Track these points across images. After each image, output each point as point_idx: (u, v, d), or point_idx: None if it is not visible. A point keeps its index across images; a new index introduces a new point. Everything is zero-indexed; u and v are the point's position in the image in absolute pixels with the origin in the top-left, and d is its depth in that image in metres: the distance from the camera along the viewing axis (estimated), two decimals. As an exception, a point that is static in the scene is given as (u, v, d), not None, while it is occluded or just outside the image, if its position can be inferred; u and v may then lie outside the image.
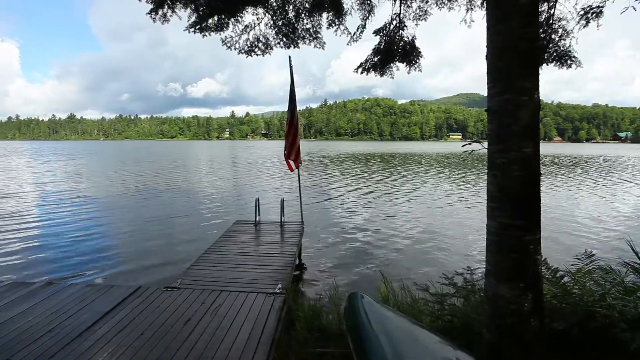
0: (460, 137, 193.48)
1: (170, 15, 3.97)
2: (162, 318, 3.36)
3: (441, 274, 3.85)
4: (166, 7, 3.93)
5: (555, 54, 4.21)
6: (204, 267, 4.84)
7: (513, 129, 1.99)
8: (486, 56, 2.15)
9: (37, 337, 3.02)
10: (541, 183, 2.12)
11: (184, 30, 4.18)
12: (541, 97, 2.08)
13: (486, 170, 2.23)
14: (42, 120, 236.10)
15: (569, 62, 4.21)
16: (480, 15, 4.61)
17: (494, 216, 2.14)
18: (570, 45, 4.13)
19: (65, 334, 3.06)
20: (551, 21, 4.05)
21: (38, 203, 13.14)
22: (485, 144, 2.33)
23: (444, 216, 11.07)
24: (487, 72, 2.14)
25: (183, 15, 4.01)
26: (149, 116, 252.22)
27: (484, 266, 2.30)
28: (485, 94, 2.19)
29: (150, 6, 3.90)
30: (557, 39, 4.17)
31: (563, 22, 4.09)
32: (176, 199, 14.08)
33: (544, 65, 4.24)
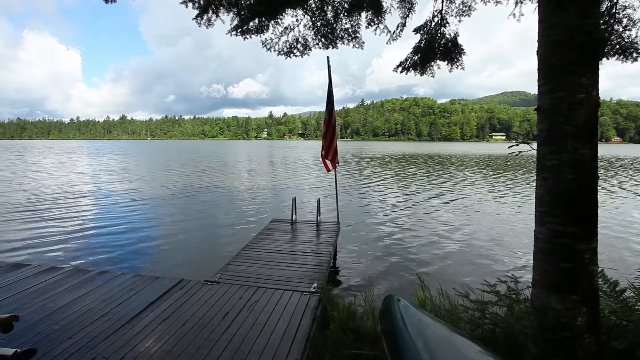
0: (504, 137, 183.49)
1: (214, 20, 4.14)
2: (202, 310, 3.52)
3: (483, 280, 3.67)
4: (210, 12, 4.11)
5: (618, 46, 3.85)
6: (242, 263, 4.99)
7: (567, 129, 1.85)
8: (537, 51, 2.02)
9: (93, 320, 3.28)
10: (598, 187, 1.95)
11: (226, 34, 4.35)
12: (599, 94, 1.91)
13: (534, 173, 2.09)
14: (98, 121, 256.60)
15: (634, 55, 3.83)
16: (531, 8, 4.32)
17: (543, 222, 2.00)
18: (636, 37, 3.75)
19: (116, 319, 3.30)
20: (614, 10, 3.70)
21: (98, 200, 14.29)
22: (534, 145, 2.19)
23: (486, 220, 10.54)
24: (538, 69, 2.01)
25: (226, 19, 4.17)
26: (191, 117, 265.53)
27: (530, 274, 2.16)
28: (534, 92, 2.06)
29: (196, 12, 4.10)
30: (620, 29, 3.80)
31: (629, 11, 3.73)
32: (217, 196, 14.66)
33: (604, 59, 3.89)
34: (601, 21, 3.65)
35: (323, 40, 4.65)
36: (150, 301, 3.68)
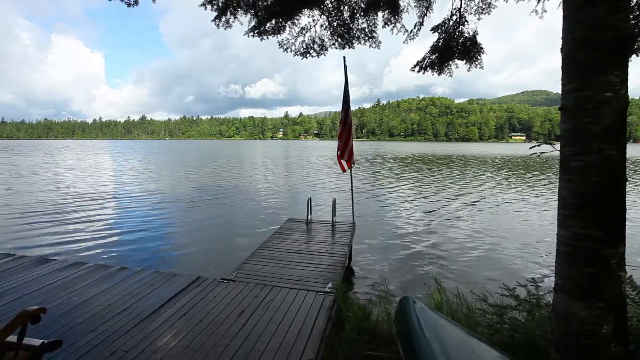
0: (524, 138, 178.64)
1: (233, 21, 4.20)
2: (219, 308, 3.57)
3: (501, 284, 3.60)
4: (228, 13, 4.18)
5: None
6: (258, 262, 5.04)
7: (592, 129, 1.78)
8: (561, 49, 1.96)
9: (114, 314, 3.39)
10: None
11: (244, 35, 4.40)
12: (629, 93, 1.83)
13: (556, 175, 2.02)
14: (119, 121, 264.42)
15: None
16: (554, 4, 4.20)
17: (567, 225, 1.94)
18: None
19: (136, 314, 3.39)
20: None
21: (119, 199, 14.71)
22: (557, 146, 2.12)
23: (506, 222, 10.29)
24: (562, 67, 1.94)
25: (244, 21, 4.22)
26: (209, 117, 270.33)
27: (551, 279, 2.09)
28: (556, 91, 2.01)
29: (215, 13, 4.18)
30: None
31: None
32: (234, 196, 14.85)
33: (634, 56, 3.73)
34: (631, 16, 3.50)
35: (339, 40, 4.65)
36: (168, 297, 3.77)
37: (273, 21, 4.32)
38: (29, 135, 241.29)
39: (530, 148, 2.66)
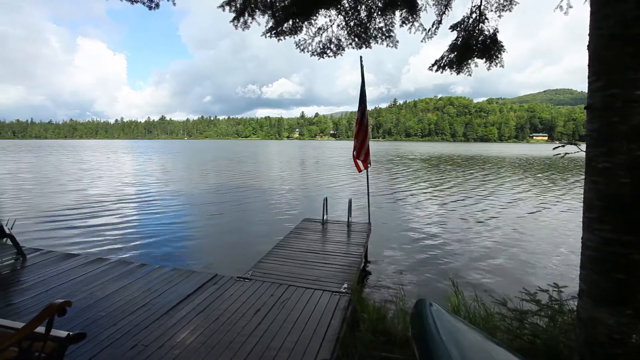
0: (546, 138, 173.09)
1: (250, 22, 4.25)
2: (235, 306, 3.62)
3: (522, 288, 3.50)
4: (246, 14, 4.23)
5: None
6: (274, 261, 5.08)
7: (621, 128, 1.71)
8: (588, 46, 1.89)
9: (134, 309, 3.48)
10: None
11: (261, 36, 4.45)
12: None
13: (582, 176, 1.95)
14: (140, 122, 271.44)
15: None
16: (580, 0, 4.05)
17: (592, 229, 1.86)
18: None
19: (155, 310, 3.48)
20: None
21: (139, 198, 15.13)
22: (582, 147, 2.05)
23: (527, 224, 10.00)
24: (589, 64, 1.88)
25: (261, 22, 4.27)
26: (226, 117, 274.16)
27: (575, 284, 2.02)
28: (580, 89, 1.93)
29: (233, 15, 4.24)
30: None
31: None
32: (251, 195, 15.02)
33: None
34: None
35: (356, 40, 4.64)
36: (186, 294, 3.85)
37: (290, 22, 4.35)
38: (55, 135, 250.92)
39: (554, 149, 2.58)
